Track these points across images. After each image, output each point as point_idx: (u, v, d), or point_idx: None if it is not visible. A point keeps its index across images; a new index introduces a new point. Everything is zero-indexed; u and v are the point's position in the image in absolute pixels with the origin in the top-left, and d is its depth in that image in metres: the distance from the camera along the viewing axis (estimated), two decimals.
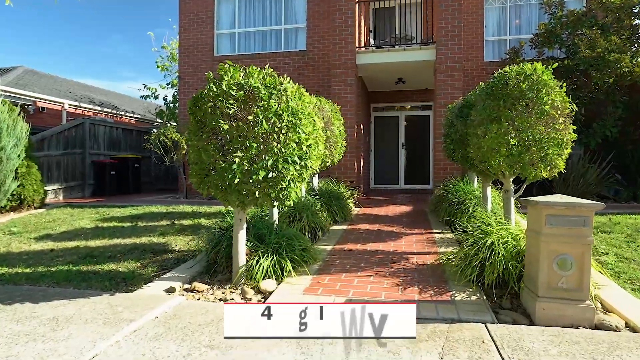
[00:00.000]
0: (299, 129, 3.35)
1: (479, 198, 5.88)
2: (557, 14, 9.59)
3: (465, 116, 5.28)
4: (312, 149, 3.51)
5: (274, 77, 3.37)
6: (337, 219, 6.28)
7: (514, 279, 3.29)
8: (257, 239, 4.00)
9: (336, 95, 8.97)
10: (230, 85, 3.20)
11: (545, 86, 3.84)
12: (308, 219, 5.18)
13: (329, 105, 6.13)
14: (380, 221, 6.53)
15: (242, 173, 3.11)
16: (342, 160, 8.42)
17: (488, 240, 3.55)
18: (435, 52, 8.70)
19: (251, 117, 3.13)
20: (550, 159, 3.90)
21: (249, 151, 3.12)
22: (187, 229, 5.86)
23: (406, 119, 12.33)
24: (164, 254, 4.59)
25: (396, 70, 9.69)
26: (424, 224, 6.20)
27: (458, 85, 8.48)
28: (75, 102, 14.42)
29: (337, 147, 6.11)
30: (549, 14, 9.86)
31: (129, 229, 6.00)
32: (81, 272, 3.91)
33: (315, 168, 4.40)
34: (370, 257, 4.35)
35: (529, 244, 3.08)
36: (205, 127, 3.20)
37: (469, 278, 3.43)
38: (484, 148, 4.11)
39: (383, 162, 12.41)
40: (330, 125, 5.76)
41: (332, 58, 9.22)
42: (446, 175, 8.47)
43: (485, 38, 11.34)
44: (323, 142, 4.64)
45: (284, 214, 5.17)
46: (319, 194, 6.43)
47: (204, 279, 3.74)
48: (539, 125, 3.85)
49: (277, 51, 10.86)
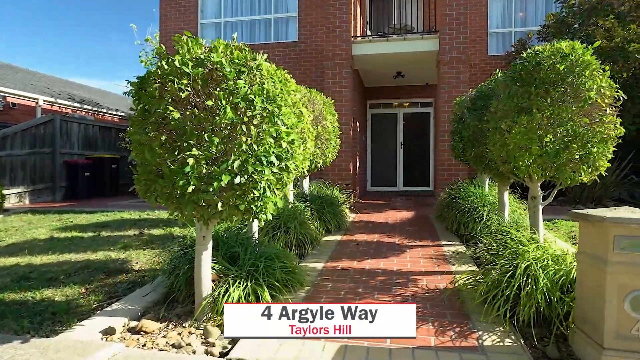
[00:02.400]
0: (278, 120, 2.55)
1: (493, 204, 5.11)
2: (569, 2, 8.86)
3: (479, 109, 4.51)
4: (295, 147, 2.71)
5: (245, 52, 2.56)
6: (330, 227, 5.48)
7: (560, 316, 2.51)
8: (229, 259, 3.18)
9: (330, 89, 8.17)
10: (185, 61, 2.39)
11: (588, 67, 3.07)
12: (295, 230, 4.37)
13: (321, 98, 5.33)
14: (379, 230, 5.74)
15: (198, 178, 2.30)
16: (336, 161, 7.63)
17: (522, 263, 2.76)
18: (438, 41, 7.93)
19: (211, 102, 2.32)
20: (594, 159, 3.13)
21: (209, 148, 2.32)
22: (156, 241, 5.03)
23: (405, 117, 11.56)
24: (118, 275, 3.77)
25: (395, 63, 8.91)
26: (430, 234, 5.41)
27: (464, 78, 7.72)
28: (51, 98, 13.49)
29: (330, 145, 5.31)
30: (560, 3, 9.14)
31: (88, 240, 5.17)
32: (2, 303, 3.07)
33: (303, 170, 3.60)
34: (370, 279, 3.56)
35: (584, 273, 2.30)
36: (151, 117, 2.39)
37: (499, 312, 2.65)
38: (509, 146, 3.32)
39: (380, 162, 11.63)
40: (322, 119, 4.96)
41: (325, 49, 8.41)
42: (451, 178, 7.70)
43: (489, 30, 10.62)
44: (313, 139, 3.85)
45: (267, 225, 4.37)
46: (309, 199, 5.63)
47: (159, 312, 2.93)
48: (582, 116, 3.08)
49: (267, 42, 10.05)
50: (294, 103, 3.55)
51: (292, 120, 2.74)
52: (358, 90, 9.49)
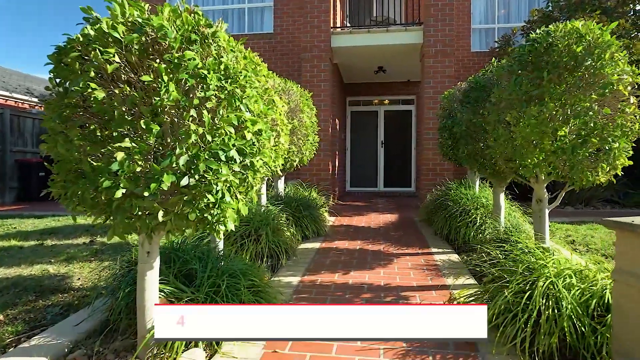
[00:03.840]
0: (241, 104, 1.99)
1: (486, 207, 4.67)
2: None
3: (474, 102, 4.05)
4: (264, 139, 2.15)
5: (197, 16, 1.99)
6: (307, 233, 4.93)
7: (591, 347, 2.04)
8: (184, 278, 2.60)
9: (308, 82, 7.62)
10: (115, 24, 1.80)
11: (608, 49, 2.63)
12: (267, 238, 3.81)
13: (298, 89, 4.78)
14: (362, 235, 5.23)
15: (131, 179, 1.72)
16: (314, 160, 7.09)
17: (540, 281, 2.29)
18: (422, 34, 7.49)
19: (149, 77, 1.74)
20: (614, 156, 2.70)
21: (147, 140, 1.74)
22: (108, 251, 4.38)
23: (386, 115, 11.13)
24: (52, 295, 3.12)
25: (376, 57, 8.44)
26: (418, 240, 4.94)
27: (449, 72, 7.30)
28: (5, 92, 12.42)
29: (307, 142, 4.76)
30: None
31: (27, 250, 4.46)
32: None
33: (276, 168, 3.05)
34: (354, 298, 3.03)
35: (627, 297, 1.84)
36: (69, 97, 1.79)
37: (515, 342, 2.16)
38: (516, 141, 2.86)
39: (360, 162, 11.16)
40: (298, 112, 4.41)
41: (303, 40, 7.86)
42: (436, 178, 7.28)
43: (472, 26, 10.32)
44: (287, 133, 3.30)
45: (235, 233, 3.79)
46: (284, 201, 5.07)
47: (93, 347, 2.32)
48: (602, 106, 2.64)
49: (240, 34, 9.42)
50: (265, 89, 3.00)
51: (259, 106, 2.18)
52: (337, 86, 8.99)
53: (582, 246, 4.53)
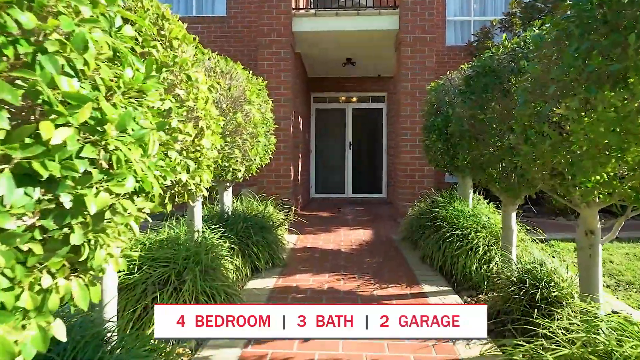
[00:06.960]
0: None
1: (488, 228, 3.66)
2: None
3: (483, 91, 3.00)
4: (132, 141, 0.95)
5: None
6: (259, 265, 3.73)
7: None
8: None
9: (265, 72, 6.39)
10: None
11: None
12: (195, 285, 2.59)
13: (245, 72, 3.58)
14: (330, 264, 4.10)
15: None
16: (272, 164, 5.90)
17: None
18: (398, 19, 6.46)
19: None
20: None
21: None
22: None
23: (354, 113, 10.08)
24: None
25: (345, 46, 7.34)
26: (403, 271, 3.86)
27: (430, 64, 6.31)
28: None
29: (257, 144, 3.55)
30: None
31: None
32: None
33: (191, 190, 1.87)
34: None
35: None
36: None
37: None
38: (574, 145, 1.81)
39: (326, 166, 10.05)
40: (243, 103, 3.19)
41: (260, 24, 6.63)
42: (414, 186, 6.27)
43: (447, 18, 9.48)
44: (217, 130, 2.12)
45: (145, 279, 2.54)
46: (230, 221, 3.86)
47: None
48: None
49: (188, 16, 8.07)
50: (174, 58, 1.83)
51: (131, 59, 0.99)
52: (301, 79, 7.83)
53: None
